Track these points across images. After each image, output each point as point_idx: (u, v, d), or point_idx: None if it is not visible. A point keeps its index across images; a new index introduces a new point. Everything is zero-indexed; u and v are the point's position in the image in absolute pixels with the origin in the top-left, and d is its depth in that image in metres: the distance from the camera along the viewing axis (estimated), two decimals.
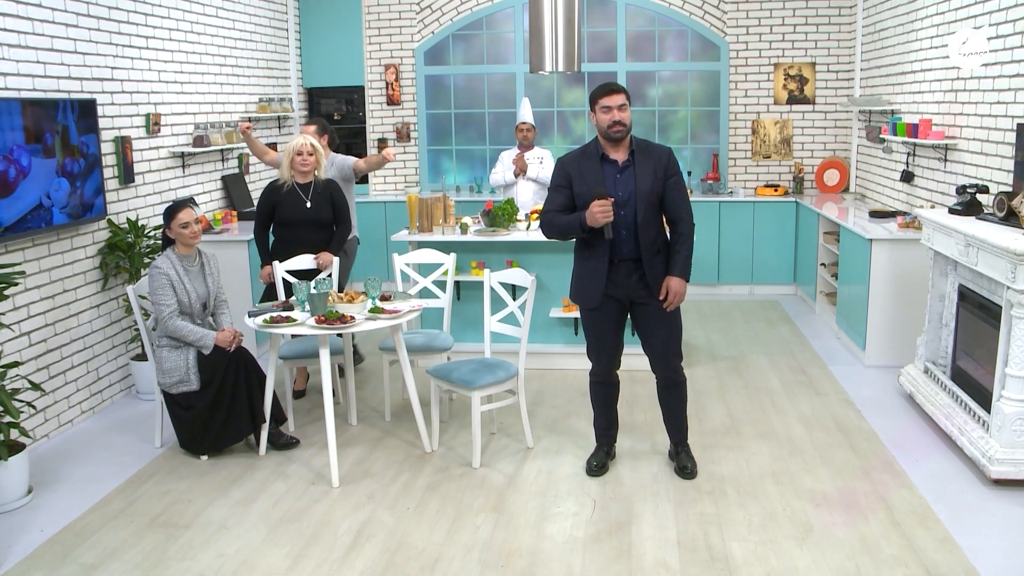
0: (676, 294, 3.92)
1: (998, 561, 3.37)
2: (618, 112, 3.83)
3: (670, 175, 3.92)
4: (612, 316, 4.04)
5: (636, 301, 4.00)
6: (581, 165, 3.93)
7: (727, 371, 5.79)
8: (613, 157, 3.92)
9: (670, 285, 3.92)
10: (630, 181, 3.89)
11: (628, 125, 3.87)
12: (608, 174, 3.91)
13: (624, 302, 4.02)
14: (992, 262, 4.11)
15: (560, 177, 3.97)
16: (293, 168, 5.05)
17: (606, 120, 3.85)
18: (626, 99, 3.87)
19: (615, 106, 3.84)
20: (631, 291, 3.97)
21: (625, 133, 3.87)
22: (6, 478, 3.93)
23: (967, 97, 5.42)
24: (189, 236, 4.42)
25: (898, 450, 4.43)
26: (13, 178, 4.39)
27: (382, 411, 5.09)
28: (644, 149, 3.94)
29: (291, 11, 8.21)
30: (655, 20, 8.25)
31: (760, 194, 8.01)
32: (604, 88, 3.89)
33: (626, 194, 3.89)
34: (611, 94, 3.86)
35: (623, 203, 3.88)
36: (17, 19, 4.52)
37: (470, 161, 8.66)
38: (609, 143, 3.91)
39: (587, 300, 4.02)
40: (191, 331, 4.37)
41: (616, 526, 3.70)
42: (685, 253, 3.94)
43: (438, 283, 5.25)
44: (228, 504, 3.97)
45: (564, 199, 3.96)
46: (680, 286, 3.92)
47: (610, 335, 4.08)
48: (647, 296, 3.96)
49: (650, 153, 3.93)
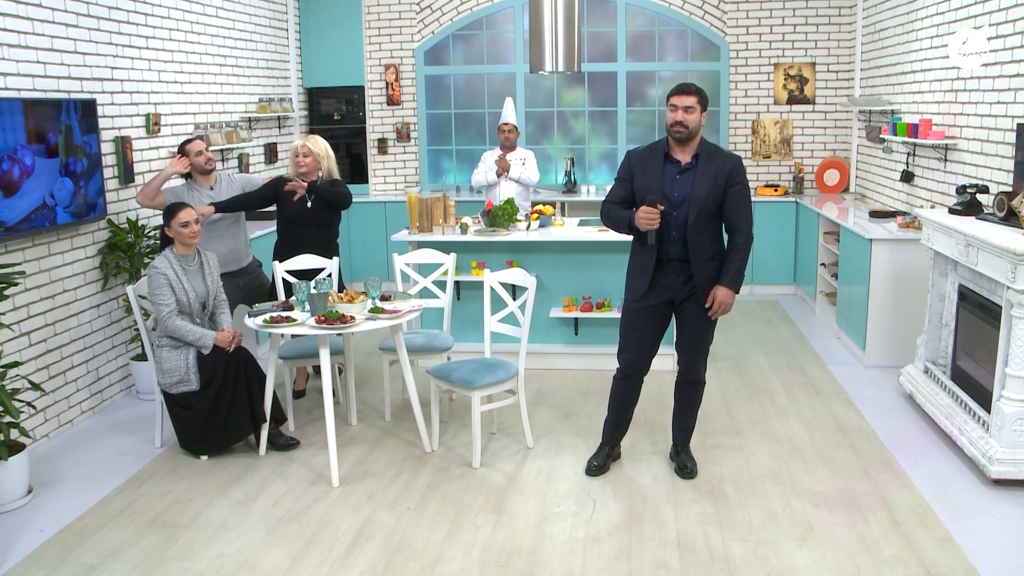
0: (722, 304, 3.91)
1: (998, 561, 3.37)
2: (683, 113, 3.84)
3: (732, 183, 3.90)
4: (654, 314, 4.04)
5: (679, 301, 4.02)
6: (645, 161, 3.96)
7: (727, 371, 5.79)
8: (677, 157, 3.94)
9: (717, 294, 3.91)
10: (688, 184, 3.90)
11: (691, 128, 3.85)
12: (668, 173, 3.92)
13: (669, 302, 4.03)
14: (992, 262, 4.11)
15: (624, 170, 4.02)
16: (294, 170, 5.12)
17: (670, 119, 3.88)
18: (696, 102, 3.86)
19: (681, 107, 3.84)
20: (677, 291, 3.99)
21: (686, 135, 3.87)
22: (6, 478, 3.93)
23: (967, 97, 5.42)
24: (188, 235, 4.43)
25: (898, 450, 4.43)
26: (17, 177, 4.40)
27: (382, 411, 5.09)
28: (710, 154, 3.93)
29: (291, 11, 8.21)
30: (655, 20, 8.25)
31: (760, 194, 8.01)
32: (677, 87, 3.90)
33: (681, 195, 3.89)
34: (681, 94, 3.87)
35: (677, 204, 3.90)
36: (17, 19, 4.52)
37: (470, 161, 8.65)
38: (675, 142, 3.93)
39: (632, 293, 4.05)
40: (190, 331, 4.37)
41: (616, 526, 3.70)
42: (737, 264, 3.92)
43: (438, 283, 5.25)
44: (228, 504, 3.97)
45: (624, 191, 4.00)
46: (727, 296, 3.91)
47: (646, 334, 4.07)
48: (692, 296, 3.97)
49: (715, 159, 3.92)
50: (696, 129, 3.88)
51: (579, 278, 5.81)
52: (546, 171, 8.47)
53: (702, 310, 3.96)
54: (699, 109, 3.86)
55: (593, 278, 5.79)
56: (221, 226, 5.17)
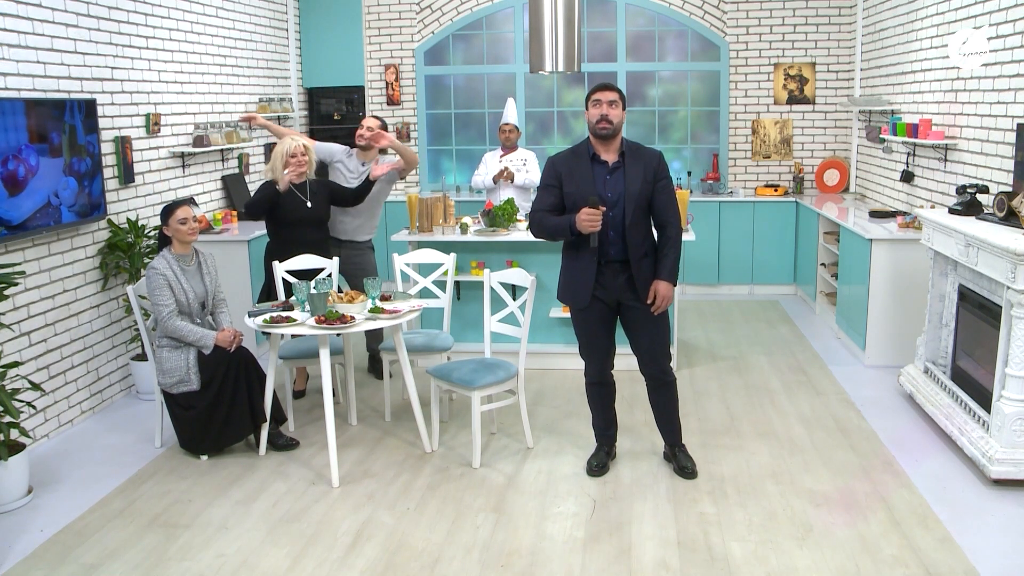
0: (664, 298, 3.92)
1: (998, 561, 3.37)
2: (607, 107, 3.83)
3: (659, 179, 3.92)
4: (601, 317, 4.04)
5: (624, 303, 4.01)
6: (571, 164, 3.93)
7: (727, 371, 5.79)
8: (604, 158, 3.92)
9: (658, 289, 3.92)
10: (619, 183, 3.89)
11: (616, 124, 3.85)
12: (598, 175, 3.90)
13: (612, 304, 4.02)
14: (992, 262, 4.11)
15: (550, 176, 3.97)
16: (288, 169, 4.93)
17: (595, 115, 3.85)
18: (618, 98, 3.87)
19: (605, 101, 3.84)
20: (619, 293, 3.98)
21: (612, 131, 3.86)
22: (6, 478, 3.93)
23: (967, 97, 5.42)
24: (187, 232, 4.42)
25: (898, 450, 4.43)
26: (23, 176, 4.42)
27: (382, 411, 5.09)
28: (634, 151, 3.94)
29: (291, 11, 8.21)
30: (655, 20, 8.25)
31: (760, 194, 8.01)
32: (598, 85, 3.91)
33: (615, 195, 3.89)
34: (603, 90, 3.88)
35: (612, 204, 3.88)
36: (17, 19, 4.52)
37: (470, 161, 8.65)
38: (600, 143, 3.91)
39: (576, 301, 4.02)
40: (191, 331, 4.37)
41: (616, 526, 3.70)
42: (673, 257, 3.94)
43: (438, 283, 5.25)
44: (228, 504, 3.97)
45: (554, 199, 3.95)
46: (668, 290, 3.92)
47: (601, 336, 4.08)
48: (634, 298, 3.96)
49: (640, 156, 3.93)
50: (620, 125, 3.88)
51: None
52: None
53: (647, 310, 3.96)
54: (621, 105, 3.88)
55: None
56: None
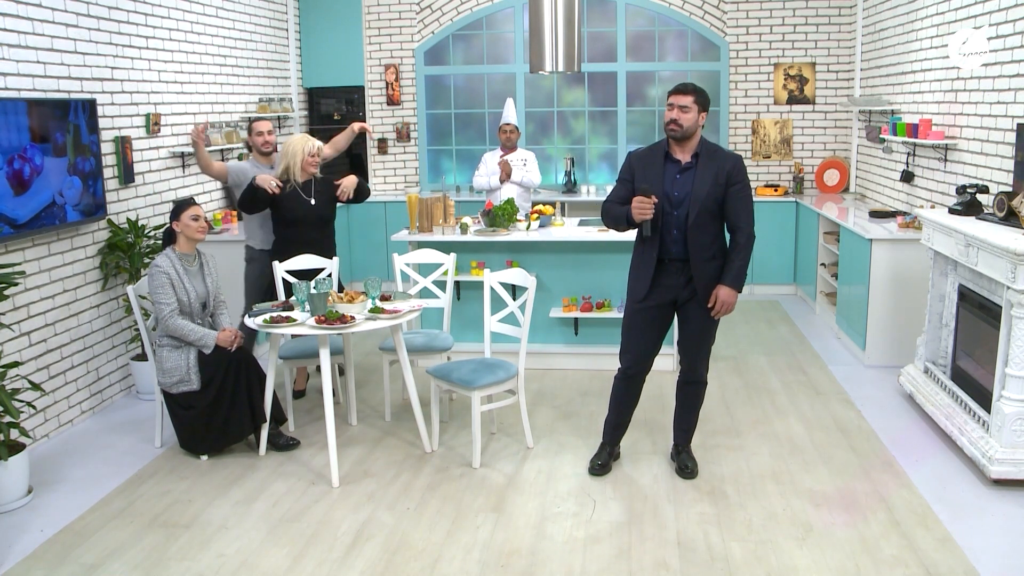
0: (724, 303, 3.91)
1: (998, 561, 3.37)
2: (678, 111, 3.86)
3: (733, 183, 3.91)
4: (655, 315, 4.04)
5: (681, 301, 4.02)
6: (646, 160, 3.98)
7: (727, 371, 5.79)
8: (677, 157, 3.95)
9: (719, 294, 3.91)
10: (688, 183, 3.90)
11: (685, 127, 3.86)
12: (669, 172, 3.93)
13: (670, 303, 4.03)
14: (992, 262, 4.11)
15: (625, 171, 4.03)
16: (303, 169, 5.02)
17: (666, 117, 3.90)
18: (693, 102, 3.86)
19: (677, 105, 3.86)
20: (678, 292, 3.99)
21: (681, 134, 3.88)
22: (6, 478, 3.93)
23: (967, 97, 5.42)
24: (197, 230, 4.44)
25: (898, 450, 4.43)
26: (28, 176, 4.44)
27: (382, 411, 5.09)
28: (711, 153, 3.94)
29: (291, 11, 8.21)
30: (655, 20, 8.24)
31: (760, 194, 8.00)
32: (676, 87, 3.92)
33: (682, 195, 3.90)
34: (678, 93, 3.89)
35: (678, 203, 3.90)
36: (17, 19, 4.52)
37: (470, 161, 8.65)
38: (675, 142, 3.94)
39: (634, 293, 4.05)
40: (192, 330, 4.37)
41: (616, 526, 3.70)
42: (739, 263, 3.92)
43: (438, 283, 5.25)
44: (228, 504, 3.97)
45: (626, 192, 4.00)
46: (729, 296, 3.91)
47: (647, 334, 4.07)
48: (691, 298, 3.97)
49: (716, 158, 3.93)
50: (692, 128, 3.89)
51: (579, 278, 5.81)
52: (546, 171, 8.46)
53: (704, 310, 3.96)
54: (696, 109, 3.87)
55: (593, 278, 5.79)
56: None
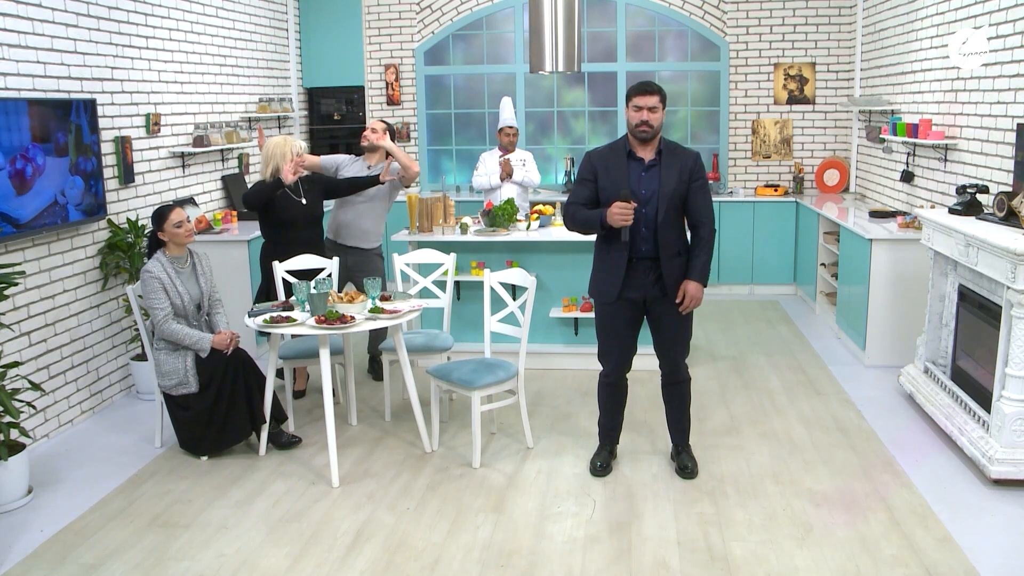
0: (692, 298, 3.93)
1: (998, 561, 3.37)
2: (648, 113, 3.85)
3: (695, 179, 3.93)
4: (627, 314, 4.05)
5: (651, 300, 4.02)
6: (608, 160, 3.97)
7: (727, 371, 5.79)
8: (640, 155, 3.95)
9: (687, 289, 3.93)
10: (654, 180, 3.91)
11: (656, 127, 3.88)
12: (633, 171, 3.93)
13: (640, 301, 4.03)
14: (992, 262, 4.11)
15: (586, 170, 4.00)
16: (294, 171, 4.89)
17: (635, 119, 3.88)
18: (659, 101, 3.88)
19: (646, 107, 3.85)
20: (648, 290, 3.99)
21: (652, 134, 3.89)
22: (6, 478, 3.93)
23: (967, 97, 5.42)
24: (184, 234, 4.42)
25: (898, 450, 4.43)
26: (30, 176, 4.44)
27: (382, 411, 5.08)
28: (672, 151, 3.96)
29: (291, 11, 8.21)
30: (655, 20, 8.24)
31: (760, 194, 8.01)
32: (639, 87, 3.91)
33: (649, 193, 3.91)
34: (644, 94, 3.88)
35: (645, 201, 3.91)
36: (17, 19, 4.52)
37: (470, 161, 8.64)
38: (637, 141, 3.94)
39: (604, 295, 4.03)
40: (187, 335, 4.36)
41: (616, 526, 3.70)
42: (704, 258, 3.95)
43: (438, 283, 5.25)
44: (228, 504, 3.97)
45: (589, 192, 3.98)
46: (697, 290, 3.93)
47: (623, 334, 4.08)
48: (662, 296, 3.98)
49: (677, 155, 3.95)
50: (659, 127, 3.90)
51: (579, 278, 5.80)
52: (546, 171, 8.47)
53: (674, 307, 3.97)
54: (661, 108, 3.89)
55: None
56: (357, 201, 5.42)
